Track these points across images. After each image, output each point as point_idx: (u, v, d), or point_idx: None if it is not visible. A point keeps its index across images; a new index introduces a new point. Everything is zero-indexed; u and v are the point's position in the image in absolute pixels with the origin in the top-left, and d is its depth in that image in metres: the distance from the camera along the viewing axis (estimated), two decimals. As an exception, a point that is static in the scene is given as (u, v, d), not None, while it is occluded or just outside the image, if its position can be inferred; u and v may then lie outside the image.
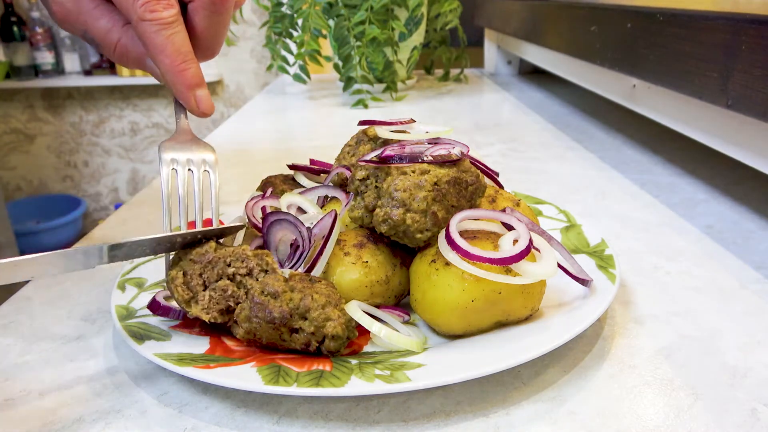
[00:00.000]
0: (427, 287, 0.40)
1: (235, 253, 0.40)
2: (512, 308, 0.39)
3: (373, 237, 0.45)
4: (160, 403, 0.37)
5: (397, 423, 0.35)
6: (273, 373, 0.35)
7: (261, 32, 2.76)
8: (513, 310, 0.39)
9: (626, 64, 0.75)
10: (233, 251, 0.40)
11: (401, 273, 0.44)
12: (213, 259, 0.39)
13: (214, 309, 0.39)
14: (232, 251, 0.40)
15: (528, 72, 1.63)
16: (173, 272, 0.39)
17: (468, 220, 0.42)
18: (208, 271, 0.39)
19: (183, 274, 0.39)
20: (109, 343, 0.43)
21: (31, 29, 2.77)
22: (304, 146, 0.99)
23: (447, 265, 0.39)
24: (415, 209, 0.42)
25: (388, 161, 0.45)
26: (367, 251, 0.44)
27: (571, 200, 0.69)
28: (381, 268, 0.43)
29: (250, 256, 0.40)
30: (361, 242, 0.44)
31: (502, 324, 0.40)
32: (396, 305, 0.44)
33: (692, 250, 0.56)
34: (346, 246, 0.44)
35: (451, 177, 0.43)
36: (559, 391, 0.37)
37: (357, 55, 1.22)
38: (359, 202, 0.45)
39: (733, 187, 0.72)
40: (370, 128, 0.53)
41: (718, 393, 0.36)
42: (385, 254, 0.44)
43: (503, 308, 0.39)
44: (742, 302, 0.47)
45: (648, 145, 0.91)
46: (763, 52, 0.48)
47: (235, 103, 2.96)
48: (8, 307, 0.49)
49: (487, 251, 0.39)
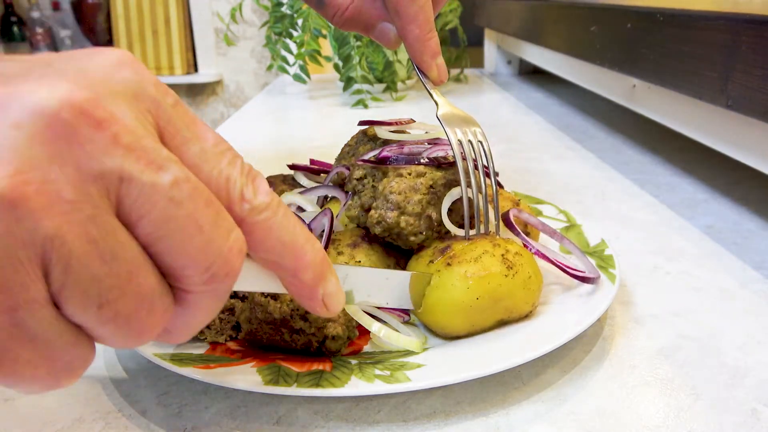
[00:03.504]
0: (427, 291, 0.40)
1: None
2: (515, 304, 0.40)
3: (368, 237, 0.45)
4: (160, 403, 0.37)
5: (397, 423, 0.35)
6: (273, 373, 0.35)
7: (261, 32, 2.76)
8: (515, 306, 0.40)
9: (626, 64, 0.75)
10: None
11: None
12: None
13: (227, 329, 0.39)
14: None
15: (528, 72, 1.63)
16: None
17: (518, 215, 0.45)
18: None
19: None
20: (109, 343, 0.43)
21: (31, 29, 2.77)
22: (304, 146, 0.99)
23: (448, 265, 0.39)
24: (410, 212, 0.42)
25: (386, 162, 0.45)
26: (361, 251, 0.44)
27: (571, 200, 0.69)
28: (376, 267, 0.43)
29: None
30: (355, 242, 0.44)
31: (503, 322, 0.40)
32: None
33: (692, 250, 0.56)
34: (340, 245, 0.44)
35: (448, 180, 0.43)
36: (558, 391, 0.37)
37: (357, 55, 1.22)
38: (356, 201, 0.46)
39: (733, 187, 0.72)
40: (370, 128, 0.53)
41: (718, 393, 0.36)
42: (378, 254, 0.44)
43: (506, 305, 0.39)
44: (742, 302, 0.47)
45: (648, 145, 0.91)
46: (763, 52, 0.48)
47: (235, 103, 2.96)
48: (8, 307, 0.49)
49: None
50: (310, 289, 0.28)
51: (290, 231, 0.27)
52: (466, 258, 0.40)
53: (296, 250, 0.27)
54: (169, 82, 2.78)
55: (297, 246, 0.27)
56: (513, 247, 0.41)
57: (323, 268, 0.28)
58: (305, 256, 0.27)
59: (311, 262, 0.27)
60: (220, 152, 0.25)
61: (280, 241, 0.26)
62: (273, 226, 0.26)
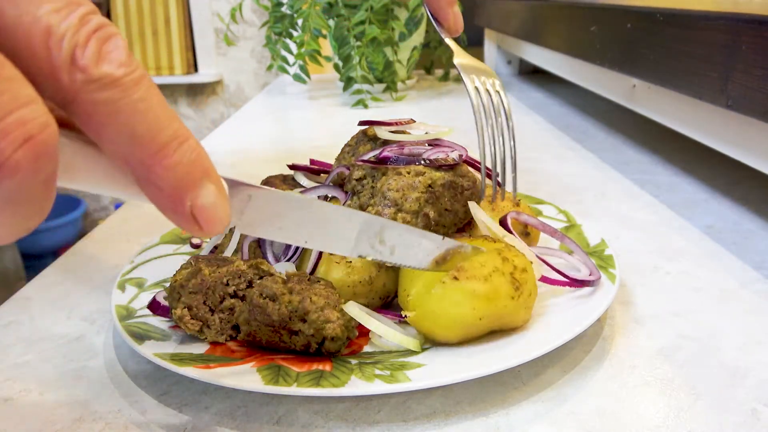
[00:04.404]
0: (426, 298, 0.38)
1: (230, 272, 0.40)
2: (512, 321, 0.39)
3: None
4: (160, 403, 0.37)
5: (397, 423, 0.35)
6: (273, 373, 0.35)
7: (261, 32, 2.76)
8: (512, 322, 0.39)
9: (626, 64, 0.75)
10: (227, 270, 0.40)
11: (386, 275, 0.43)
12: (211, 285, 0.39)
13: (227, 329, 0.39)
14: (226, 271, 0.40)
15: (528, 72, 1.63)
16: (178, 311, 0.39)
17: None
18: (210, 298, 0.39)
19: (188, 309, 0.39)
20: (109, 343, 0.43)
21: (31, 29, 2.77)
22: (304, 146, 0.99)
23: (455, 279, 0.37)
24: (407, 210, 0.42)
25: (385, 162, 0.45)
26: None
27: (571, 200, 0.69)
28: (365, 269, 0.43)
29: (245, 270, 0.40)
30: None
31: (495, 331, 0.40)
32: (382, 307, 0.44)
33: (692, 250, 0.56)
34: None
35: (447, 180, 0.43)
36: (558, 391, 0.37)
37: (357, 55, 1.22)
38: (355, 201, 0.46)
39: (733, 187, 0.72)
40: (370, 128, 0.53)
41: (718, 393, 0.36)
42: None
43: (504, 321, 0.39)
44: (742, 302, 0.47)
45: (648, 145, 0.91)
46: (763, 52, 0.48)
47: (235, 103, 2.96)
48: (8, 307, 0.49)
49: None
50: (172, 199, 0.21)
51: (148, 119, 0.20)
52: (475, 275, 0.37)
53: (153, 144, 0.20)
54: (169, 82, 2.78)
55: (156, 140, 0.20)
56: (520, 261, 0.39)
57: (194, 170, 0.21)
58: (167, 154, 0.20)
59: (175, 162, 0.21)
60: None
61: (128, 131, 0.20)
62: (121, 110, 0.19)
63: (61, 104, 0.19)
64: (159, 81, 2.76)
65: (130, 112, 0.19)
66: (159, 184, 0.21)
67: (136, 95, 0.19)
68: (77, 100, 0.18)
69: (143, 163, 0.20)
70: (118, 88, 0.19)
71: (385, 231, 0.33)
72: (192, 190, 0.21)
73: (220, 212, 0.23)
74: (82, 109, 0.19)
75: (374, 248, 0.33)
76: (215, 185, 0.22)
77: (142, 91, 0.19)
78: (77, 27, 0.18)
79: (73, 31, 0.18)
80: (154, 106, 0.20)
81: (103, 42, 0.19)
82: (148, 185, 0.21)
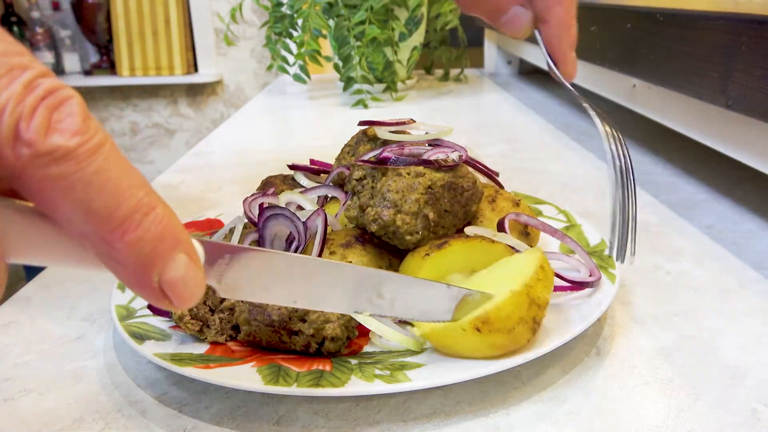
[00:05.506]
0: (441, 334, 0.37)
1: None
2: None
3: (362, 238, 0.45)
4: (160, 403, 0.37)
5: (397, 423, 0.35)
6: (273, 373, 0.35)
7: (261, 32, 2.76)
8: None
9: (626, 64, 0.75)
10: None
11: None
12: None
13: (227, 329, 0.39)
14: None
15: (528, 72, 1.63)
16: (178, 311, 0.39)
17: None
18: (210, 298, 0.39)
19: (188, 309, 0.39)
20: (109, 343, 0.43)
21: (31, 29, 2.76)
22: (304, 146, 0.99)
23: (478, 330, 0.35)
24: (406, 211, 0.42)
25: (385, 162, 0.45)
26: (353, 251, 0.44)
27: (571, 200, 0.69)
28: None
29: None
30: (348, 242, 0.44)
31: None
32: None
33: (692, 250, 0.56)
34: (332, 245, 0.44)
35: (447, 181, 0.43)
36: (558, 391, 0.37)
37: (357, 55, 1.22)
38: (355, 201, 0.46)
39: (733, 187, 0.72)
40: (370, 128, 0.53)
41: (718, 393, 0.36)
42: (371, 255, 0.44)
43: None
44: (742, 302, 0.47)
45: (648, 145, 0.91)
46: (763, 52, 0.48)
47: (235, 103, 2.96)
48: (8, 307, 0.49)
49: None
50: (135, 276, 0.19)
51: (106, 192, 0.18)
52: (499, 327, 0.35)
53: (112, 219, 0.18)
54: (169, 82, 2.78)
55: (115, 215, 0.18)
56: (544, 296, 0.37)
57: (160, 244, 0.19)
58: (128, 229, 0.18)
59: (138, 237, 0.19)
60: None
61: (84, 208, 0.18)
62: (75, 185, 0.17)
63: (8, 179, 0.17)
64: (159, 81, 2.76)
65: (85, 187, 0.17)
66: (121, 261, 0.19)
67: (91, 167, 0.17)
68: (24, 176, 0.17)
69: (103, 239, 0.18)
70: (72, 161, 0.17)
71: (383, 284, 0.31)
72: (158, 265, 0.19)
73: (191, 285, 0.21)
74: (30, 186, 0.17)
75: (372, 303, 0.32)
76: (187, 254, 0.20)
77: (99, 161, 0.17)
78: (21, 95, 0.16)
79: (15, 102, 0.16)
80: (113, 178, 0.18)
81: (53, 110, 0.17)
82: (110, 261, 0.19)
